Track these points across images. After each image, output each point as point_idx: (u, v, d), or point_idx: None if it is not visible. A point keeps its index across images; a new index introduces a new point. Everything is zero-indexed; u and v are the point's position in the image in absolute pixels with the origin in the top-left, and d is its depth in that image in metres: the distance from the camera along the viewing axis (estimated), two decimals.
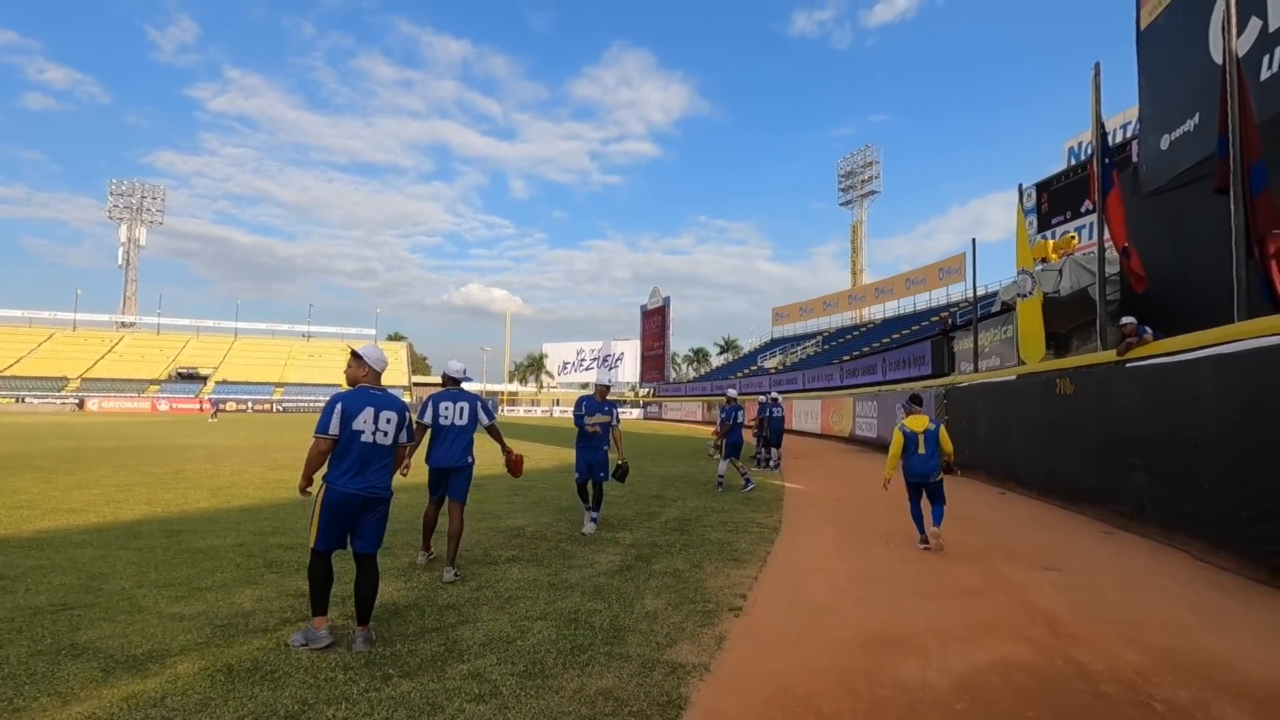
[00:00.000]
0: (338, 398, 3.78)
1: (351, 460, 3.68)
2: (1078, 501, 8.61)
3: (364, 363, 3.91)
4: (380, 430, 3.78)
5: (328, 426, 3.67)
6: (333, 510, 3.64)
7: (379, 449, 3.79)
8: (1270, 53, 10.02)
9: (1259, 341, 5.38)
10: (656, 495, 9.73)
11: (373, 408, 3.77)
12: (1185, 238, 12.37)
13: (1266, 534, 5.17)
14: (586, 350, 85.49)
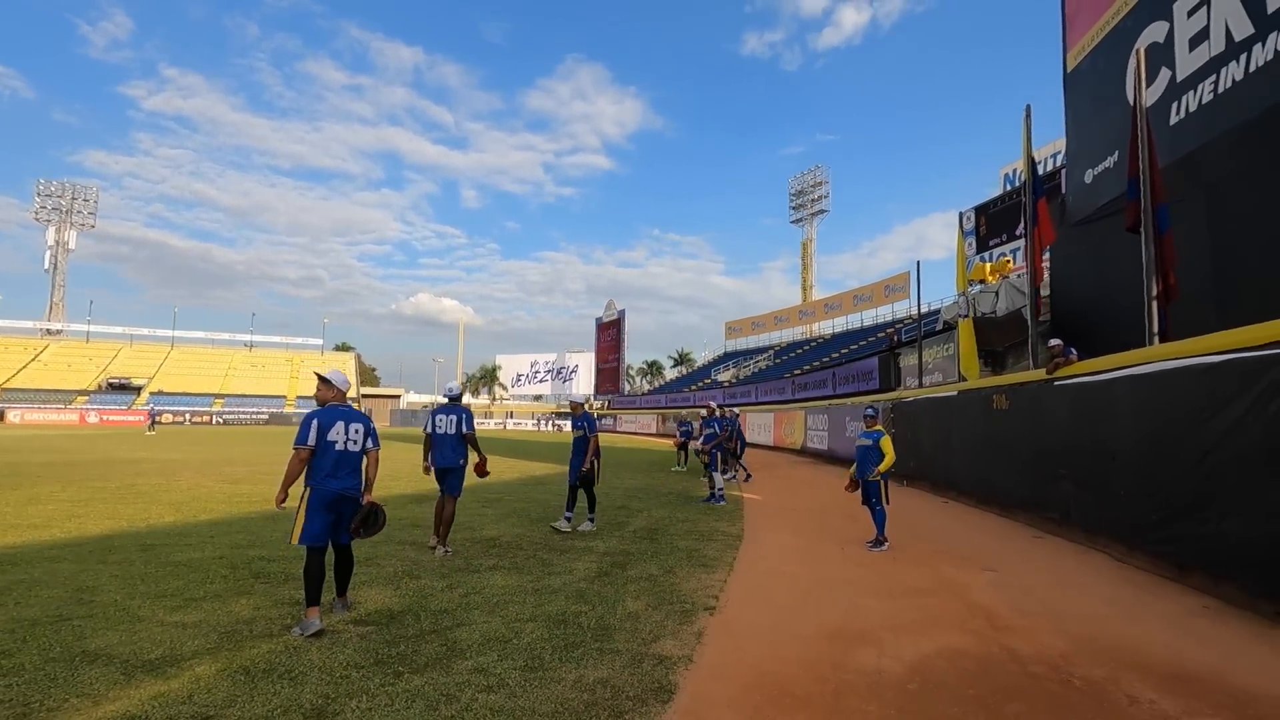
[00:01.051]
0: (313, 415, 4.45)
1: (330, 465, 4.35)
2: (1012, 509, 9.32)
3: (332, 385, 4.64)
4: (351, 439, 4.49)
5: (307, 439, 4.30)
6: (320, 506, 4.27)
7: (350, 455, 4.48)
8: (1179, 99, 11.10)
9: (1166, 364, 6.09)
10: (622, 506, 10.05)
11: (343, 421, 4.48)
12: (1107, 264, 13.46)
13: (1172, 536, 5.83)
14: (541, 362, 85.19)
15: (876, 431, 7.34)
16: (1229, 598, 5.12)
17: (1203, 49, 10.48)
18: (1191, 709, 3.26)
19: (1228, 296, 10.10)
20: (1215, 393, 5.25)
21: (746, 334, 62.86)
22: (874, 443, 7.23)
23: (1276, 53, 9.01)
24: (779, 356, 52.39)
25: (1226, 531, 5.15)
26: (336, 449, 4.38)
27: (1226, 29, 9.94)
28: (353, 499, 4.46)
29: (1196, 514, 5.50)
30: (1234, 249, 10.20)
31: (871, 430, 7.39)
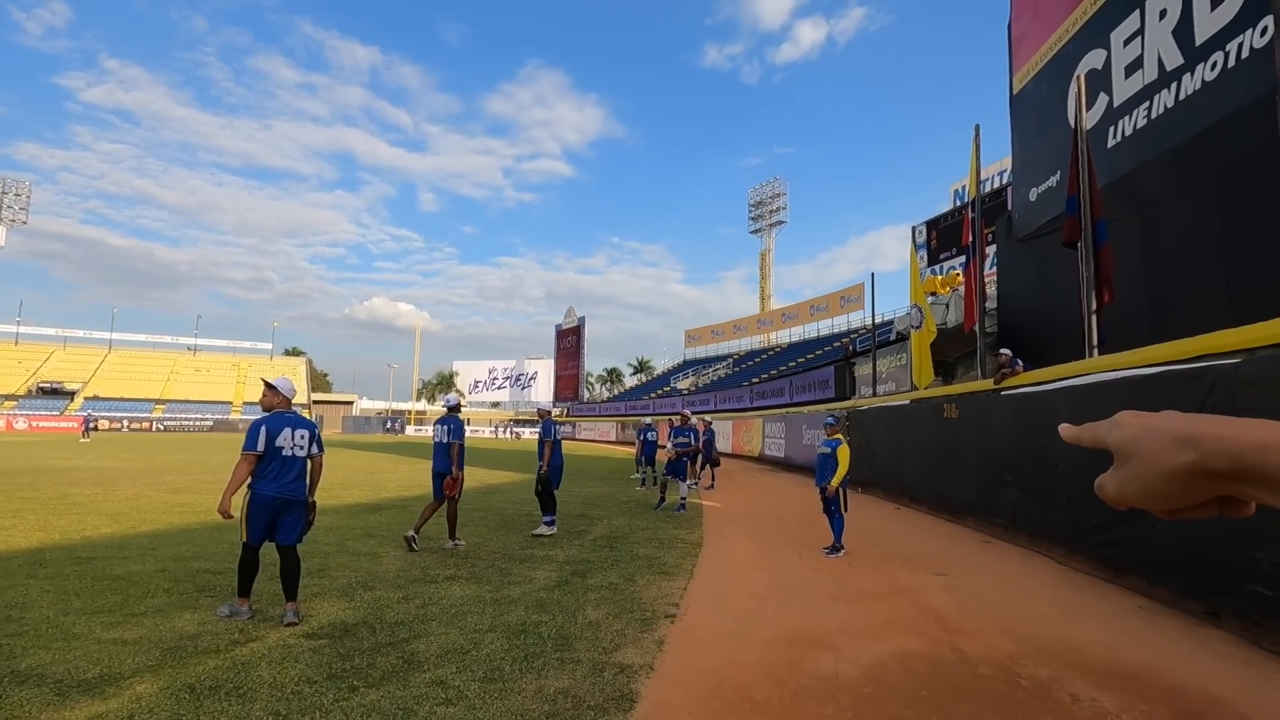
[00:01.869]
0: (261, 421, 4.57)
1: (274, 469, 4.51)
2: (962, 514, 9.62)
3: (279, 392, 4.76)
4: (297, 445, 4.63)
5: (255, 444, 4.46)
6: (258, 509, 4.43)
7: (296, 460, 4.63)
8: (1115, 123, 11.68)
9: (1105, 375, 6.39)
10: (582, 514, 10.01)
11: (290, 427, 4.62)
12: (1048, 279, 14.03)
13: (1110, 540, 6.11)
14: (499, 369, 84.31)
15: (835, 440, 7.46)
16: (1160, 598, 5.38)
17: (1137, 76, 11.06)
18: (1128, 705, 3.42)
19: (1159, 311, 10.63)
20: (1151, 403, 5.52)
21: (706, 342, 63.39)
22: (832, 451, 7.36)
23: (1204, 82, 9.56)
24: (737, 365, 52.96)
25: (1159, 536, 5.42)
26: (284, 454, 4.55)
27: (1159, 59, 10.51)
28: (298, 502, 4.64)
29: (1132, 519, 5.76)
30: (1165, 266, 10.76)
31: (831, 439, 7.52)
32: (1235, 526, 4.52)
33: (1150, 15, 10.71)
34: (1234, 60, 9.10)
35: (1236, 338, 4.73)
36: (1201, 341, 5.07)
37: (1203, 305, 9.46)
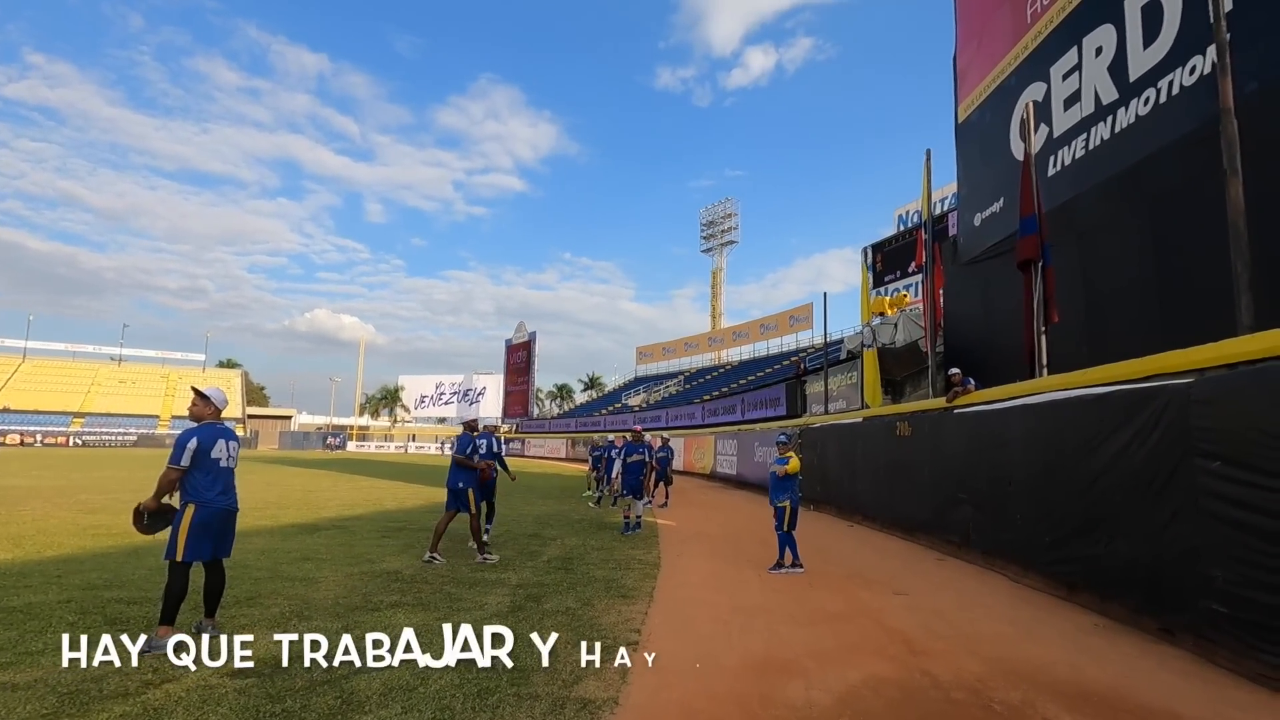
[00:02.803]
0: (192, 434, 4.33)
1: (217, 482, 4.37)
2: (915, 532, 9.68)
3: (210, 402, 4.54)
4: (231, 456, 4.52)
5: (180, 459, 4.24)
6: (207, 525, 4.26)
7: (230, 471, 4.52)
8: (1055, 153, 12.17)
9: (1057, 394, 6.49)
10: (534, 534, 9.66)
11: (223, 439, 4.47)
12: (994, 301, 14.49)
13: (1063, 557, 6.17)
14: (446, 384, 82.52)
15: (784, 458, 7.58)
16: (1115, 615, 5.44)
17: (1075, 109, 11.57)
18: None
19: (1097, 334, 11.05)
20: (1103, 422, 5.62)
21: (657, 359, 63.54)
22: (784, 467, 7.48)
23: (1138, 117, 10.04)
24: (689, 382, 53.16)
25: (1113, 553, 5.48)
26: (221, 465, 4.41)
27: (1095, 93, 11.01)
28: (235, 513, 4.54)
29: (1086, 537, 5.84)
30: (1102, 290, 11.20)
31: (783, 457, 7.61)
32: (1191, 545, 4.59)
33: (1087, 51, 11.22)
34: (1165, 97, 9.57)
35: (1188, 358, 4.84)
36: (1154, 361, 5.19)
37: (1137, 330, 9.84)
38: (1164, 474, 4.87)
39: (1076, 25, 11.50)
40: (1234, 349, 4.55)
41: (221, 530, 4.39)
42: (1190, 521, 4.60)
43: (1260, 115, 7.17)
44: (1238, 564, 4.21)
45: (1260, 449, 4.09)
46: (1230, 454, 4.31)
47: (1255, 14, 7.86)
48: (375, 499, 14.62)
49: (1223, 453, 4.36)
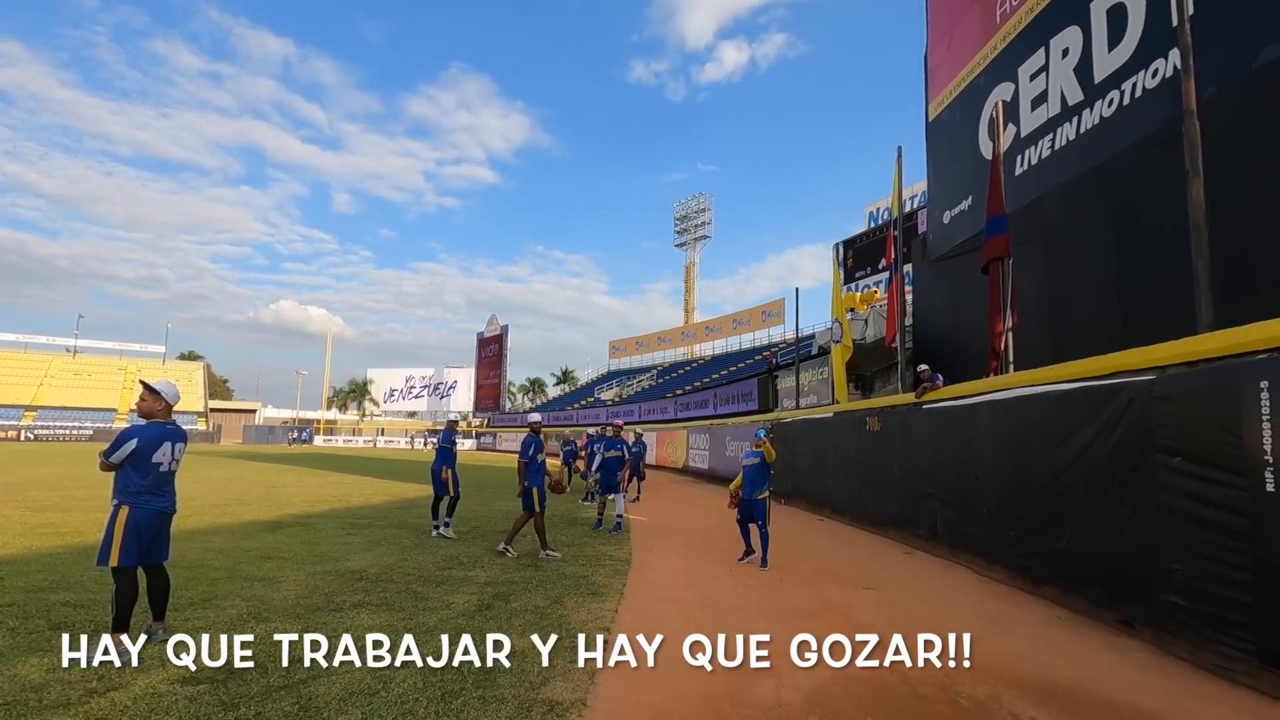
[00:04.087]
0: (133, 433, 4.07)
1: (154, 486, 4.09)
2: (884, 526, 9.78)
3: (160, 397, 4.24)
4: (175, 460, 4.25)
5: (112, 455, 4.02)
6: (141, 528, 4.01)
7: (172, 475, 4.25)
8: (1023, 153, 12.35)
9: (1023, 391, 6.58)
10: (504, 531, 9.52)
11: (170, 441, 4.18)
12: (962, 298, 14.70)
13: (1028, 551, 6.27)
14: (417, 377, 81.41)
15: (758, 450, 7.53)
16: (1078, 608, 5.54)
17: (1042, 110, 11.74)
18: None
19: (1060, 332, 11.27)
20: (1067, 418, 5.70)
21: (630, 353, 63.46)
22: (760, 459, 7.46)
23: (1102, 118, 10.22)
24: (662, 376, 53.21)
25: (1075, 547, 5.58)
26: (161, 470, 4.14)
27: (1062, 94, 11.19)
28: (171, 516, 4.28)
29: (1049, 531, 5.93)
30: (1065, 288, 11.42)
31: (756, 449, 7.57)
32: (1151, 539, 4.67)
33: (1054, 53, 11.39)
34: (1129, 99, 9.76)
35: (1150, 355, 4.92)
36: (1117, 359, 5.27)
37: (1100, 327, 10.06)
38: (1126, 470, 4.95)
39: (1044, 27, 11.67)
40: (1194, 347, 4.63)
41: (155, 533, 4.15)
42: (1150, 516, 4.69)
43: (1217, 119, 7.33)
44: (1196, 558, 4.30)
45: (1218, 445, 4.17)
46: (1189, 450, 4.39)
47: (1213, 22, 8.03)
48: (341, 495, 14.33)
49: (1182, 449, 4.45)
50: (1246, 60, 7.78)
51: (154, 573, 4.21)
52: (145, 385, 4.30)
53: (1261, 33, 7.66)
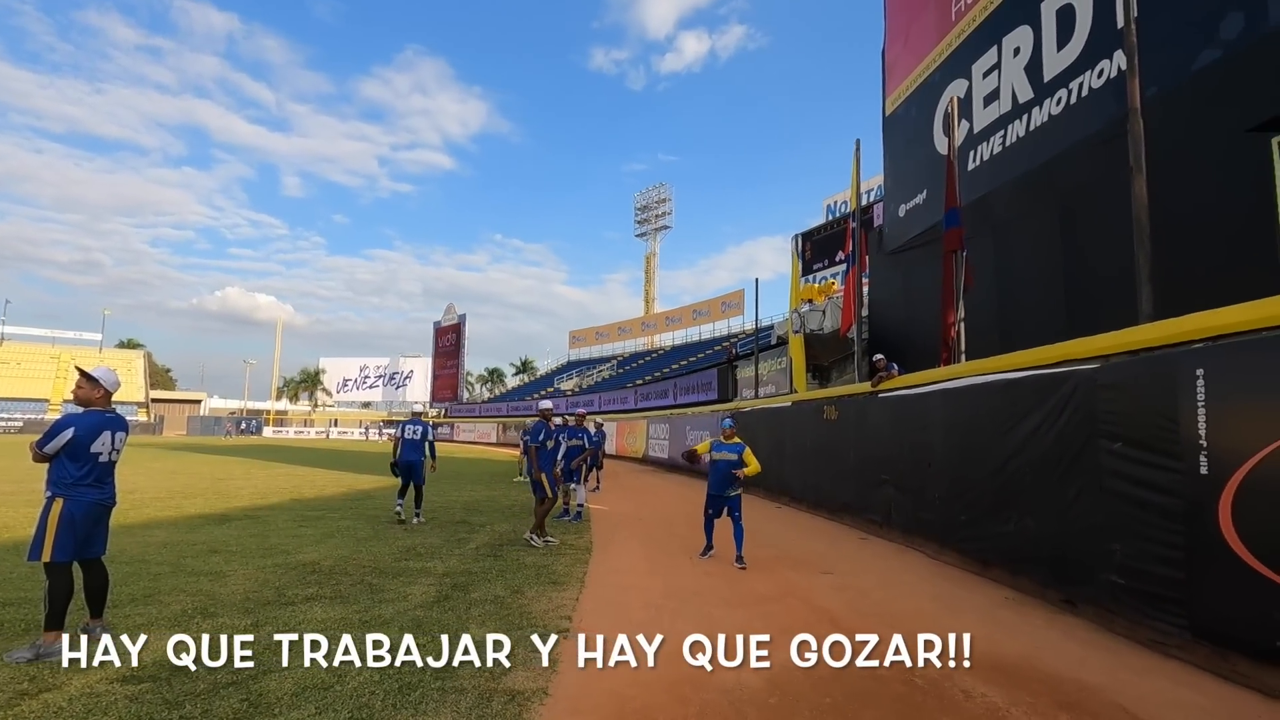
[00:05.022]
0: (70, 422, 3.90)
1: (93, 478, 3.92)
2: (840, 513, 9.98)
3: (98, 384, 4.05)
4: (115, 450, 4.07)
5: (45, 445, 3.83)
6: (77, 521, 3.83)
7: (110, 465, 4.06)
8: (975, 149, 12.65)
9: (974, 379, 6.77)
10: (462, 521, 9.41)
11: (109, 431, 4.00)
12: (915, 289, 15.05)
13: (977, 535, 6.47)
14: (371, 366, 79.64)
15: (738, 444, 7.10)
16: (1024, 589, 5.74)
17: (994, 107, 12.04)
18: (1015, 698, 3.51)
19: (1008, 323, 11.63)
20: (1016, 406, 5.89)
21: (590, 343, 63.28)
22: (738, 456, 7.00)
23: (1051, 116, 10.54)
24: (622, 366, 53.22)
25: (1023, 530, 5.77)
26: (100, 460, 3.97)
27: (1013, 92, 11.49)
28: (110, 509, 4.13)
29: (998, 515, 6.13)
30: (1013, 281, 11.79)
31: (732, 443, 7.12)
32: (1094, 521, 4.86)
33: (1006, 51, 11.68)
34: (1076, 98, 10.07)
35: (1094, 345, 5.10)
36: (1063, 348, 5.45)
37: (1045, 318, 10.41)
38: (1070, 455, 5.14)
39: (997, 25, 11.95)
40: (1135, 337, 4.82)
41: (92, 527, 3.96)
42: (1093, 499, 4.88)
43: (1159, 118, 7.63)
44: (1135, 538, 4.49)
45: (1157, 431, 4.35)
46: (1130, 436, 4.57)
47: (1155, 25, 8.34)
48: (293, 487, 13.93)
49: (1124, 434, 4.63)
50: (1186, 62, 8.10)
51: (91, 568, 4.03)
52: (82, 372, 4.08)
53: (1200, 37, 7.99)
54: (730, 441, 7.13)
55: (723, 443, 7.17)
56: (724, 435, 7.23)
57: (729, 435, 7.20)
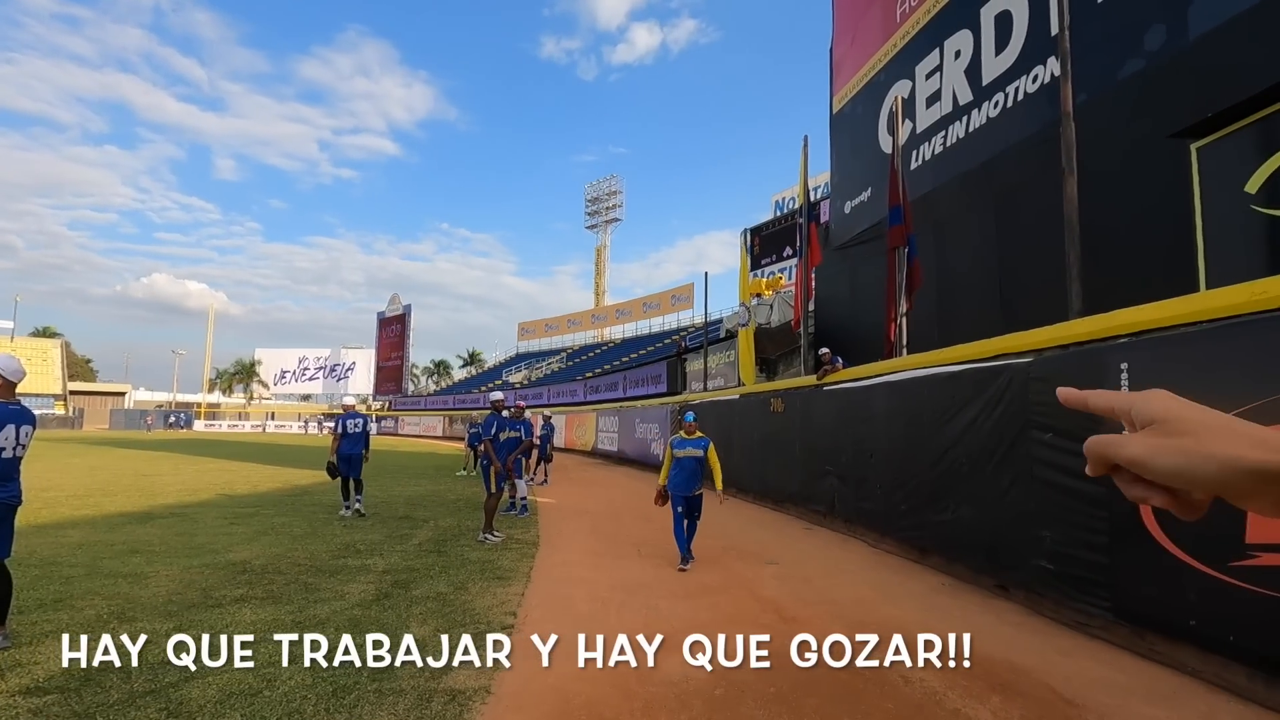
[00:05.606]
0: None
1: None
2: (785, 503, 10.14)
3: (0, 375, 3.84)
4: (20, 445, 3.84)
5: None
6: None
7: (15, 461, 3.84)
8: (918, 148, 12.98)
9: (915, 372, 6.94)
10: (405, 516, 9.16)
11: (12, 424, 3.78)
12: (860, 284, 15.40)
13: (916, 524, 6.65)
14: (311, 358, 76.87)
15: (702, 439, 6.49)
16: (960, 575, 5.93)
17: (936, 108, 12.38)
18: (952, 682, 3.61)
19: (947, 317, 12.02)
20: (954, 398, 6.06)
21: (539, 335, 62.66)
22: (704, 453, 6.43)
23: (989, 118, 10.89)
24: (571, 359, 52.91)
25: (959, 519, 5.96)
26: (3, 456, 3.75)
27: (954, 94, 11.83)
28: (13, 508, 3.86)
29: (936, 503, 6.31)
30: (953, 277, 12.18)
31: (695, 438, 6.48)
32: (1025, 509, 5.05)
33: (948, 54, 12.01)
34: (1012, 101, 10.43)
35: (1029, 339, 5.29)
36: (1000, 342, 5.63)
37: (982, 314, 10.80)
38: (1005, 445, 5.32)
39: (939, 29, 12.27)
40: (1065, 331, 5.01)
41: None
42: (1025, 488, 5.06)
43: (1088, 124, 7.96)
44: (1063, 525, 4.68)
45: (1084, 421, 4.53)
46: (1060, 426, 4.75)
47: (1085, 33, 8.69)
48: (225, 482, 13.32)
49: (1054, 425, 4.81)
50: (1113, 70, 8.48)
51: None
52: None
53: (1125, 47, 8.37)
54: (693, 437, 6.49)
55: (685, 439, 6.48)
56: (685, 430, 6.55)
57: (691, 430, 6.53)
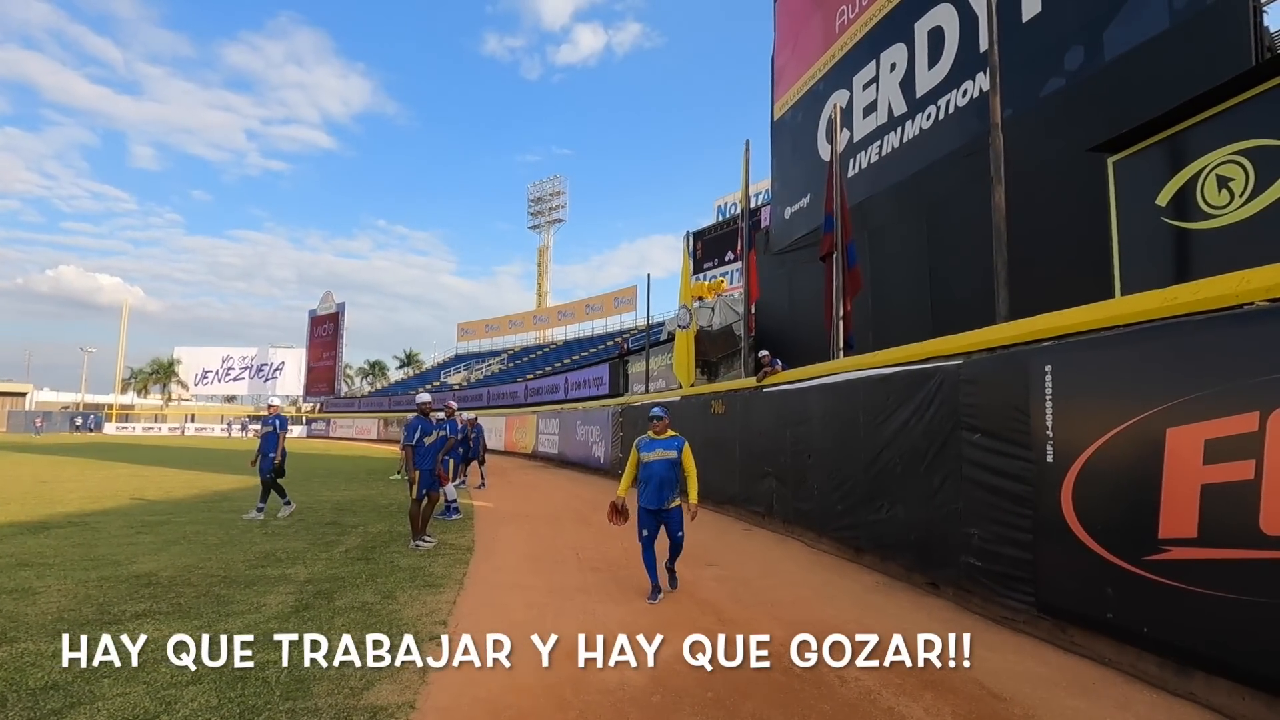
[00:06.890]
0: None
1: None
2: (725, 505, 10.18)
3: None
4: None
5: None
6: None
7: None
8: (854, 157, 13.31)
9: (850, 374, 7.06)
10: (332, 522, 8.75)
11: None
12: (799, 289, 15.70)
13: (851, 524, 6.75)
14: (236, 357, 73.15)
15: (675, 439, 5.46)
16: (893, 574, 6.04)
17: (872, 118, 12.73)
18: (886, 680, 3.64)
19: (881, 321, 12.36)
20: (889, 399, 6.18)
21: (480, 336, 61.56)
22: (678, 455, 5.38)
23: (921, 130, 11.26)
24: (512, 360, 52.16)
25: (892, 518, 6.07)
26: None
27: (889, 105, 12.19)
28: None
29: (871, 503, 6.42)
30: (886, 282, 12.54)
31: (666, 438, 5.44)
32: (954, 509, 5.17)
33: (884, 66, 12.37)
34: (944, 114, 10.80)
35: (958, 343, 5.43)
36: (931, 345, 5.77)
37: (914, 318, 11.14)
38: (936, 446, 5.44)
39: (876, 41, 12.63)
40: (993, 335, 5.17)
41: None
42: (955, 487, 5.19)
43: (1013, 138, 8.31)
44: (989, 523, 4.81)
45: (1009, 422, 4.68)
46: (987, 427, 4.89)
47: (1010, 51, 9.08)
48: (134, 489, 12.45)
49: (982, 426, 4.95)
50: (1036, 88, 8.88)
51: None
52: None
53: (1047, 66, 8.78)
54: (664, 437, 5.44)
55: (654, 439, 5.45)
56: (654, 430, 5.50)
57: (661, 429, 5.48)
